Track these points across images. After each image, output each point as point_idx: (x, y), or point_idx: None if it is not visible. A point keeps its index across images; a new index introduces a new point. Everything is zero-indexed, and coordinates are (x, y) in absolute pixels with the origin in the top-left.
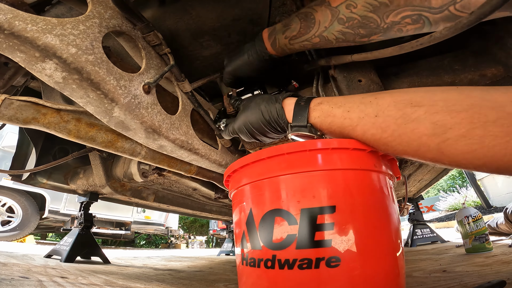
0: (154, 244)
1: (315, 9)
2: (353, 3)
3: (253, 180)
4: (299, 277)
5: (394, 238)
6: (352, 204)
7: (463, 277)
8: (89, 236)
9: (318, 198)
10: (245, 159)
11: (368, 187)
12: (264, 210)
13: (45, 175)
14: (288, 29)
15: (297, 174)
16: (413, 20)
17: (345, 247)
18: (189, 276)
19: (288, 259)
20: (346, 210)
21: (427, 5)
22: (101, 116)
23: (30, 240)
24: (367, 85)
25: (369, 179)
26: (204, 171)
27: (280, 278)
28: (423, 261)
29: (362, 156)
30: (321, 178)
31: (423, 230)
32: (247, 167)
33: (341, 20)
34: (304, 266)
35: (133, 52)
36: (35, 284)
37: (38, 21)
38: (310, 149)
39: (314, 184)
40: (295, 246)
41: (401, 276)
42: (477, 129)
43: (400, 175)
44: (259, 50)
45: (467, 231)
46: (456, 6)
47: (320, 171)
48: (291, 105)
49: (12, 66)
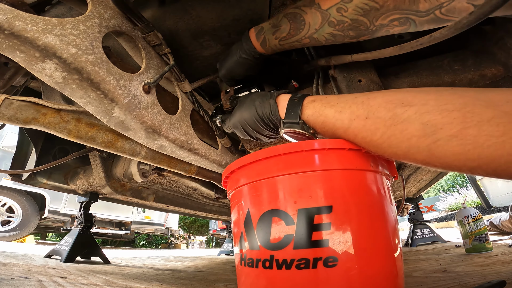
0: (154, 244)
1: (304, 10)
2: (344, 6)
3: (251, 181)
4: (297, 277)
5: (391, 238)
6: (349, 204)
7: (463, 277)
8: (89, 236)
9: (315, 198)
10: (242, 160)
11: (365, 187)
12: (262, 211)
13: (45, 175)
14: (278, 30)
15: (294, 174)
16: (401, 23)
17: (343, 247)
18: (189, 276)
19: (285, 259)
20: (343, 210)
21: (414, 8)
22: (101, 116)
23: (30, 240)
24: (367, 85)
25: (365, 179)
26: (204, 171)
27: (278, 278)
28: (423, 261)
29: (358, 156)
30: (318, 179)
31: (423, 230)
32: (244, 168)
33: (331, 23)
34: (301, 266)
35: (133, 52)
36: (35, 284)
37: (38, 21)
38: (306, 150)
39: (310, 184)
40: (293, 246)
41: (399, 276)
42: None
43: (397, 174)
44: (247, 49)
45: (467, 231)
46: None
47: (317, 171)
48: (285, 101)
49: (12, 66)
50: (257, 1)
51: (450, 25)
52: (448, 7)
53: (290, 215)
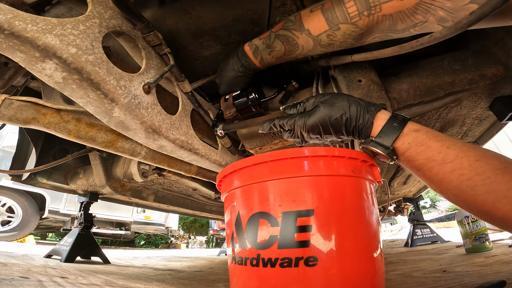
0: (154, 244)
1: (296, 34)
2: (333, 33)
3: (241, 185)
4: (280, 275)
5: (372, 239)
6: (330, 208)
7: (463, 277)
8: (89, 236)
9: (298, 202)
10: (234, 165)
11: (346, 192)
12: (251, 213)
13: (45, 175)
14: (273, 51)
15: (279, 180)
16: (380, 38)
17: (323, 247)
18: (189, 276)
19: (270, 258)
20: (325, 214)
21: (393, 28)
22: (101, 116)
23: (30, 240)
24: (367, 85)
25: (347, 184)
26: (204, 171)
27: (264, 275)
28: (423, 261)
29: (341, 163)
30: (301, 184)
31: (423, 230)
32: (236, 172)
33: (323, 45)
34: (285, 265)
35: (133, 52)
36: (35, 284)
37: (38, 21)
38: (291, 157)
39: (294, 189)
40: (277, 246)
41: (378, 276)
42: None
43: (380, 179)
44: (246, 64)
45: (467, 231)
46: (415, 29)
47: (300, 177)
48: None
49: (12, 66)
50: (257, 1)
51: (450, 25)
52: (421, 26)
53: (275, 217)
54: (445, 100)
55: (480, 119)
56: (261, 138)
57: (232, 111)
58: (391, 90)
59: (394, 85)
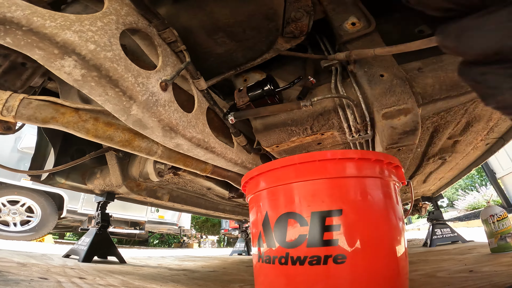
0: (167, 244)
1: None
2: None
3: (269, 187)
4: (309, 272)
5: (396, 239)
6: (358, 208)
7: (492, 277)
8: (106, 235)
9: (326, 203)
10: (261, 167)
11: (373, 193)
12: (279, 213)
13: (64, 175)
14: None
15: (308, 181)
16: None
17: (350, 246)
18: (203, 276)
19: (299, 256)
20: (352, 213)
21: None
22: (119, 114)
23: (49, 239)
24: (390, 79)
25: (373, 185)
26: (220, 170)
27: (292, 273)
28: (446, 261)
29: (367, 164)
30: (329, 185)
31: (443, 229)
32: (263, 174)
33: None
34: (313, 263)
35: (148, 49)
36: (54, 285)
37: (56, 17)
38: (319, 159)
39: (323, 190)
40: (306, 245)
41: (402, 274)
42: None
43: (404, 180)
44: None
45: (492, 230)
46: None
47: (328, 179)
48: None
49: (30, 67)
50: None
51: None
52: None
53: (304, 217)
54: (472, 94)
55: None
56: (277, 135)
57: (245, 100)
58: (415, 85)
59: (419, 80)
